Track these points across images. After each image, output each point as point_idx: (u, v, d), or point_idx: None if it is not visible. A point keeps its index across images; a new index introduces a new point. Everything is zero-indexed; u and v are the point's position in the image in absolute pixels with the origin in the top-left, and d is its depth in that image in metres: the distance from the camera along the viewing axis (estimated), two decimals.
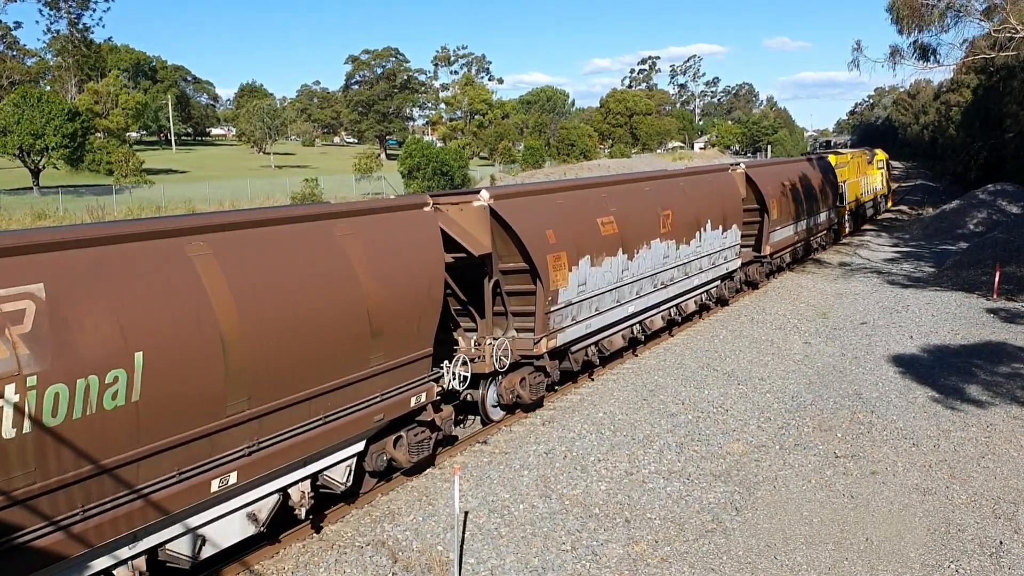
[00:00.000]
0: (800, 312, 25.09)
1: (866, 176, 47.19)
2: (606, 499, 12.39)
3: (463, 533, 11.18)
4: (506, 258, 15.13)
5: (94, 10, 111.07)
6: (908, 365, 18.95)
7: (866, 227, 48.37)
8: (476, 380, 14.80)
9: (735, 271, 25.00)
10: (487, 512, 11.91)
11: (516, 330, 15.53)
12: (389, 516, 11.86)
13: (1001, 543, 10.82)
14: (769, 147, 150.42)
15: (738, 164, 26.84)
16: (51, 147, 66.74)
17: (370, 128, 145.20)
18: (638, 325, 19.56)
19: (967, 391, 16.89)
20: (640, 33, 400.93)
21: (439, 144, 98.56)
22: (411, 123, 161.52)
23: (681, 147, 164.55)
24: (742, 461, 13.82)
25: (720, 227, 22.81)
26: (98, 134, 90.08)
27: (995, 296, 25.67)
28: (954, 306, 24.73)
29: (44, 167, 70.18)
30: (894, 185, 78.27)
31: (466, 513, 11.74)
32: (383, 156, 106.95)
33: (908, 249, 38.79)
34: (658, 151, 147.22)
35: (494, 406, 15.64)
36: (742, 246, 25.33)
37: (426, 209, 13.09)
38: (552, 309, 15.34)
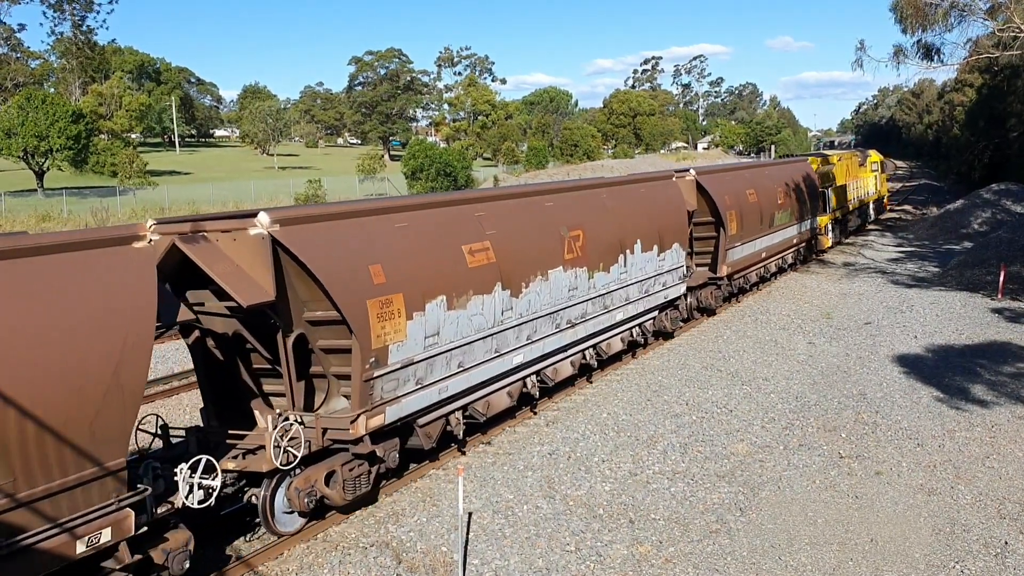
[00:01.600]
0: (804, 312, 25.06)
1: (857, 180, 43.40)
2: (610, 500, 12.38)
3: (467, 534, 11.18)
4: (312, 304, 11.14)
5: (98, 12, 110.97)
6: (912, 365, 18.91)
7: (870, 227, 48.24)
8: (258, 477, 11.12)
9: (679, 298, 21.13)
10: (491, 513, 11.90)
11: (346, 397, 11.84)
12: (393, 517, 11.85)
13: (1006, 543, 10.80)
14: (773, 147, 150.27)
15: (687, 170, 22.77)
16: (55, 149, 66.89)
17: (373, 129, 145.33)
18: (533, 376, 15.58)
19: (972, 391, 16.86)
20: (642, 33, 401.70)
21: (442, 145, 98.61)
22: (414, 124, 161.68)
23: (685, 147, 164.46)
24: (746, 462, 13.80)
25: (655, 247, 19.08)
26: (102, 136, 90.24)
27: (1000, 296, 25.62)
28: (959, 306, 24.68)
29: (48, 169, 70.35)
30: (897, 185, 77.96)
31: (470, 514, 11.74)
32: (387, 157, 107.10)
33: (912, 249, 38.73)
34: (661, 151, 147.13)
35: (288, 512, 11.29)
36: (698, 265, 22.95)
37: (137, 245, 8.98)
38: (379, 373, 11.29)
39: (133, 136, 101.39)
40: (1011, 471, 13.00)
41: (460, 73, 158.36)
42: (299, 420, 11.08)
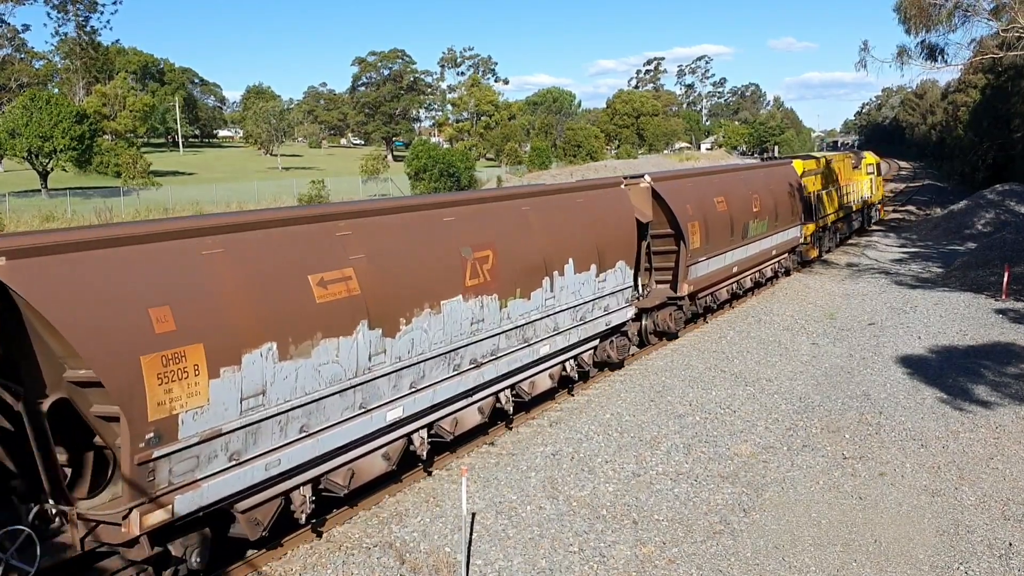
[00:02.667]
0: (807, 313, 25.03)
1: (850, 183, 40.61)
2: (613, 501, 12.38)
3: (470, 534, 11.18)
4: (72, 360, 8.76)
5: (102, 13, 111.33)
6: (916, 366, 18.89)
7: (874, 227, 48.18)
8: None
9: (626, 323, 18.47)
10: (494, 514, 11.90)
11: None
12: (396, 517, 11.86)
13: (1011, 545, 10.78)
14: (776, 147, 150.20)
15: (642, 176, 20.25)
16: (59, 149, 67.03)
17: (377, 130, 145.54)
18: (422, 431, 12.69)
19: (976, 392, 16.83)
20: (645, 34, 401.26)
21: (446, 145, 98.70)
22: (418, 124, 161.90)
23: (688, 148, 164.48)
24: (750, 462, 13.79)
25: (594, 267, 16.49)
26: (106, 136, 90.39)
27: (1004, 297, 25.57)
28: (962, 307, 24.64)
29: (52, 169, 70.49)
30: (901, 186, 77.76)
31: (473, 515, 11.74)
32: (390, 158, 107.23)
33: (916, 249, 38.68)
34: (665, 152, 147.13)
35: None
36: (658, 283, 20.74)
37: None
38: (163, 452, 8.61)
39: (137, 137, 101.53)
40: (1015, 472, 12.98)
41: (463, 73, 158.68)
42: (52, 514, 8.64)
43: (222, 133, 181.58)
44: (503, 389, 14.62)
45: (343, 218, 11.25)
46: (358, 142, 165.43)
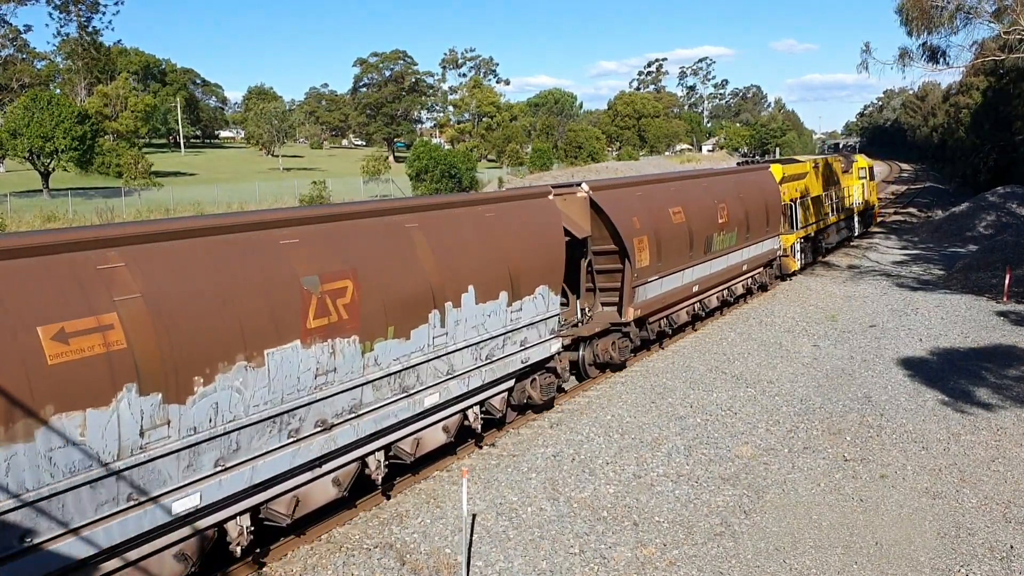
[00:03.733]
0: (809, 315, 25.02)
1: (839, 189, 37.76)
2: (614, 502, 12.37)
3: (471, 536, 11.18)
4: None
5: (104, 13, 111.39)
6: (917, 368, 18.87)
7: (874, 229, 48.11)
8: None
9: (552, 358, 15.84)
10: (495, 515, 11.90)
11: None
12: (397, 518, 11.86)
13: (1012, 547, 10.76)
14: (778, 149, 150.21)
15: (578, 185, 17.93)
16: (60, 150, 67.09)
17: (378, 131, 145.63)
18: (243, 518, 9.96)
19: (977, 394, 16.82)
20: (646, 36, 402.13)
21: (447, 147, 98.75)
22: (419, 126, 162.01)
23: (689, 149, 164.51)
24: (751, 464, 13.78)
25: (504, 294, 13.80)
26: (107, 137, 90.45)
27: (1005, 299, 25.56)
28: (964, 309, 24.63)
29: (54, 170, 70.56)
30: (902, 188, 77.66)
31: (474, 516, 11.73)
32: (391, 159, 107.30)
33: (917, 252, 38.66)
34: (666, 153, 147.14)
35: None
36: (604, 305, 18.50)
37: None
38: None
39: (138, 137, 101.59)
40: (1017, 475, 12.97)
41: (465, 75, 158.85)
42: None
43: (224, 134, 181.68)
44: (372, 452, 11.72)
45: (109, 245, 8.42)
46: (359, 143, 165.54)
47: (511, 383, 14.93)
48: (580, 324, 17.79)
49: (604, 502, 12.37)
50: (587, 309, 18.11)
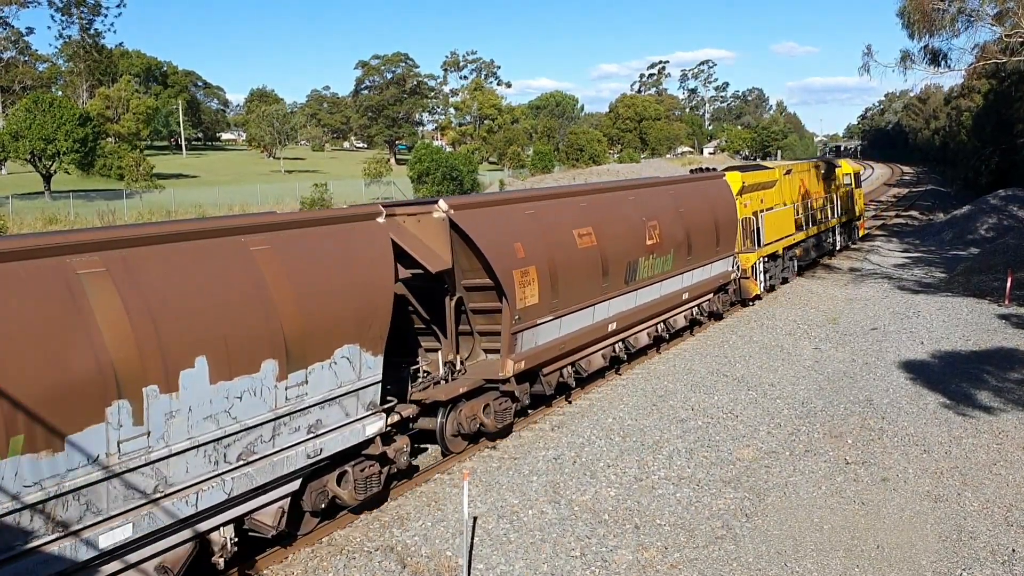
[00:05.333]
0: (810, 317, 25.00)
1: (818, 197, 33.84)
2: (615, 505, 12.36)
3: (472, 539, 11.17)
4: None
5: (105, 16, 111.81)
6: (919, 371, 18.85)
7: (878, 232, 48.07)
8: None
9: (372, 442, 11.86)
10: (496, 518, 11.90)
11: None
12: (398, 521, 11.86)
13: (1014, 551, 10.75)
14: (779, 152, 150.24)
15: (433, 202, 13.85)
16: (62, 152, 67.14)
17: (380, 133, 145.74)
18: None
19: (978, 397, 16.80)
20: (647, 38, 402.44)
21: (448, 149, 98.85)
22: (421, 128, 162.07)
23: (691, 152, 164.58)
24: (752, 467, 13.77)
25: (273, 364, 9.92)
26: (109, 139, 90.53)
27: (1007, 302, 25.53)
28: (965, 312, 24.61)
29: (55, 172, 70.60)
30: (904, 191, 77.39)
31: (475, 518, 11.73)
32: (392, 161, 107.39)
33: (919, 254, 38.64)
34: (668, 156, 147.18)
35: None
36: (488, 351, 15.11)
37: None
38: None
39: (140, 139, 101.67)
40: (1018, 478, 12.95)
41: (466, 77, 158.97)
42: None
43: (225, 136, 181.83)
44: None
45: None
46: (361, 145, 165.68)
47: (295, 485, 10.72)
48: (442, 382, 13.82)
49: (605, 505, 12.36)
50: (461, 361, 14.43)
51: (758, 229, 26.33)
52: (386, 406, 11.91)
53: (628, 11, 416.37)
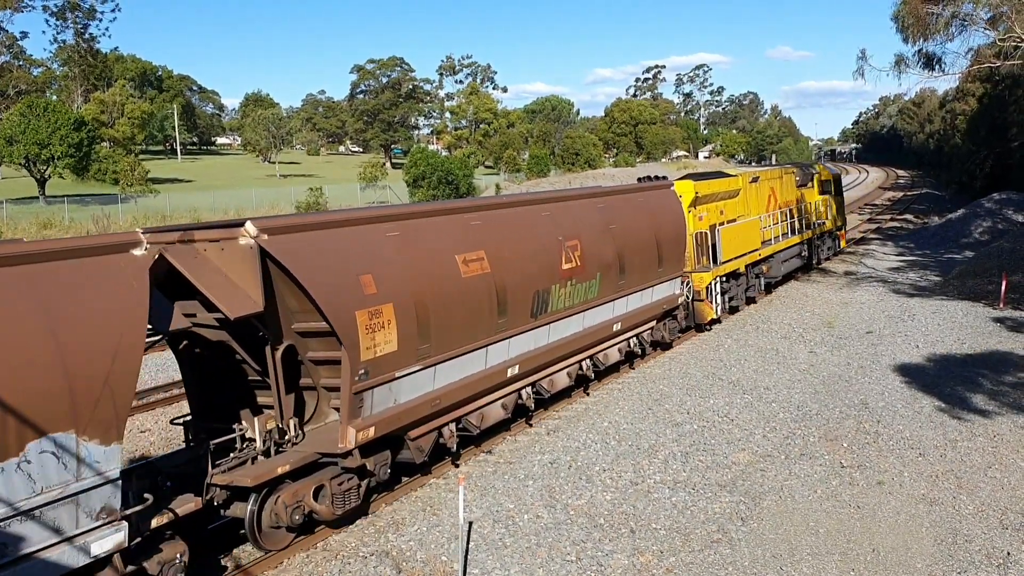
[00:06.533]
0: (805, 321, 25.02)
1: (792, 207, 30.82)
2: (611, 509, 12.35)
3: (467, 543, 11.15)
4: None
5: (100, 20, 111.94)
6: (914, 374, 18.87)
7: (872, 236, 48.10)
8: None
9: (94, 566, 8.61)
10: (492, 522, 11.87)
11: None
12: (393, 526, 11.83)
13: (1009, 554, 10.75)
14: (774, 156, 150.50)
15: (239, 224, 10.60)
16: (57, 157, 67.04)
17: (375, 137, 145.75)
18: None
19: (973, 401, 16.82)
20: (642, 43, 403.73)
21: (444, 153, 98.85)
22: (416, 132, 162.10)
23: (686, 156, 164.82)
24: (748, 471, 13.76)
25: None
26: (104, 143, 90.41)
27: (1001, 305, 25.58)
28: (960, 315, 24.65)
29: (50, 177, 70.48)
30: (899, 194, 77.34)
31: (470, 523, 11.70)
32: (388, 165, 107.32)
33: (913, 258, 38.70)
34: (663, 160, 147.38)
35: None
36: (338, 410, 11.70)
37: None
38: None
39: (135, 144, 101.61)
40: (1013, 481, 12.96)
41: (462, 81, 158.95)
42: None
43: (220, 140, 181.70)
44: None
45: None
46: (356, 149, 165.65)
47: None
48: (260, 457, 11.00)
49: (601, 509, 12.34)
50: (298, 426, 11.47)
51: (715, 245, 23.42)
52: (134, 509, 8.88)
53: (623, 16, 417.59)
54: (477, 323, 13.36)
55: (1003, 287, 26.17)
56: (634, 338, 19.60)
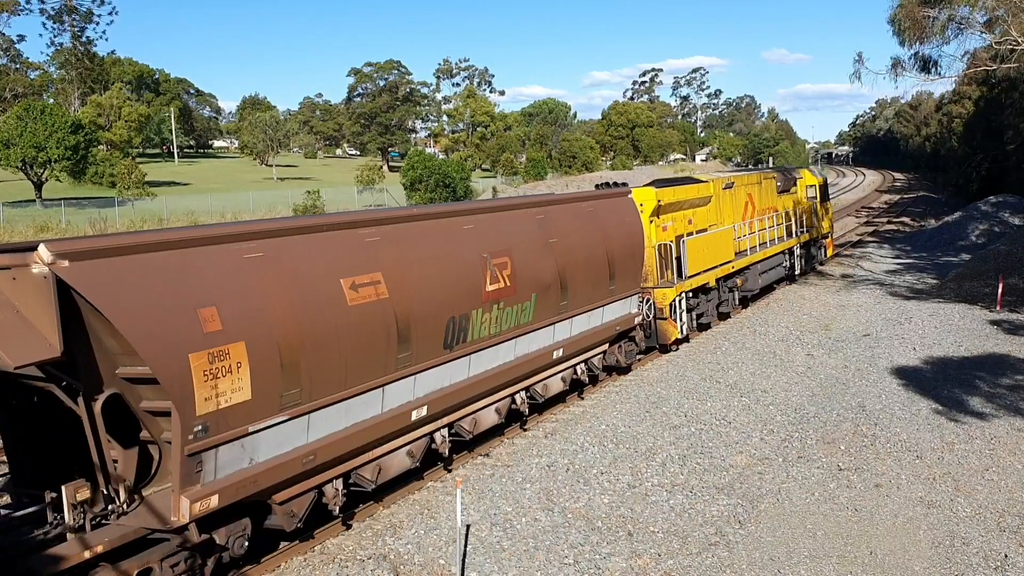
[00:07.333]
0: (803, 324, 25.04)
1: (771, 215, 28.79)
2: (609, 512, 12.34)
3: (465, 547, 11.14)
4: None
5: (97, 23, 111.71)
6: (911, 377, 18.89)
7: (870, 240, 48.14)
8: None
9: None
10: (489, 525, 11.86)
11: None
12: (391, 529, 11.82)
13: (1006, 556, 10.76)
14: (771, 159, 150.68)
15: (31, 248, 8.56)
16: (54, 160, 66.91)
17: (372, 140, 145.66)
18: None
19: (970, 403, 16.84)
20: (639, 46, 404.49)
21: (441, 156, 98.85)
22: (413, 135, 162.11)
23: (683, 159, 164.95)
24: (745, 474, 13.77)
25: None
26: (101, 147, 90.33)
27: (998, 308, 25.62)
28: (957, 318, 24.68)
29: (47, 180, 70.37)
30: (895, 197, 77.32)
31: (468, 527, 11.69)
32: (385, 168, 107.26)
33: (910, 261, 38.74)
34: (660, 163, 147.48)
35: None
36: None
37: None
38: None
39: (132, 147, 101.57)
40: (1011, 484, 12.98)
41: (459, 84, 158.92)
42: None
43: (217, 143, 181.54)
44: None
45: None
46: (354, 153, 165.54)
47: None
48: (69, 536, 9.09)
49: (599, 512, 12.34)
50: (130, 491, 9.51)
51: (680, 257, 21.46)
52: None
53: (619, 19, 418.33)
54: (369, 360, 11.24)
55: (999, 290, 26.21)
56: (581, 364, 17.59)
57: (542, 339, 15.48)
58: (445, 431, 13.45)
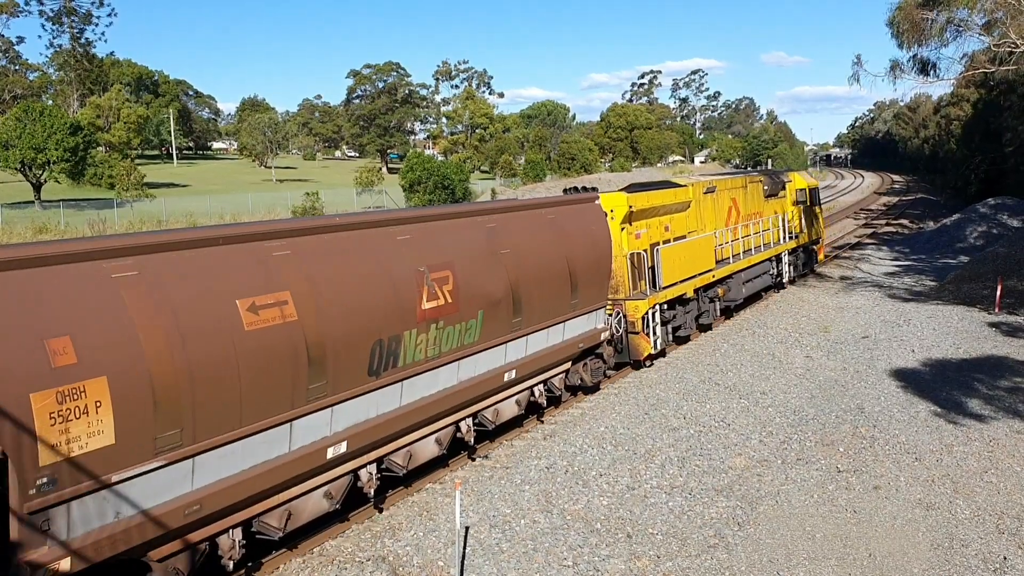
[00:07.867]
0: (801, 326, 25.04)
1: (757, 220, 27.47)
2: (608, 514, 12.34)
3: (464, 548, 11.14)
4: None
5: (96, 25, 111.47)
6: (910, 379, 18.90)
7: (869, 241, 48.17)
8: None
9: None
10: (488, 527, 11.86)
11: None
12: (390, 531, 11.82)
13: (1005, 558, 10.77)
14: (770, 161, 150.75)
15: None
16: (52, 161, 66.93)
17: (371, 142, 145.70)
18: None
19: (969, 405, 16.85)
20: (637, 48, 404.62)
21: (440, 158, 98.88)
22: (412, 137, 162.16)
23: (682, 161, 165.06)
24: (744, 476, 13.77)
25: None
26: (100, 148, 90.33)
27: (996, 310, 25.64)
28: (955, 320, 24.69)
29: (46, 181, 70.38)
30: (894, 199, 77.35)
31: (467, 528, 11.70)
32: (384, 170, 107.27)
33: (909, 263, 38.76)
34: (659, 165, 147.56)
35: None
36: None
37: None
38: None
39: (131, 148, 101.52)
40: (1009, 486, 12.98)
41: (458, 86, 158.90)
42: None
43: (216, 145, 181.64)
44: None
45: None
46: (353, 154, 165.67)
47: None
48: None
49: (598, 514, 12.34)
50: None
51: (654, 267, 20.17)
52: None
53: (618, 21, 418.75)
54: (272, 392, 9.76)
55: (998, 292, 26.23)
56: (540, 386, 16.11)
57: (491, 360, 13.96)
58: (373, 468, 11.95)
